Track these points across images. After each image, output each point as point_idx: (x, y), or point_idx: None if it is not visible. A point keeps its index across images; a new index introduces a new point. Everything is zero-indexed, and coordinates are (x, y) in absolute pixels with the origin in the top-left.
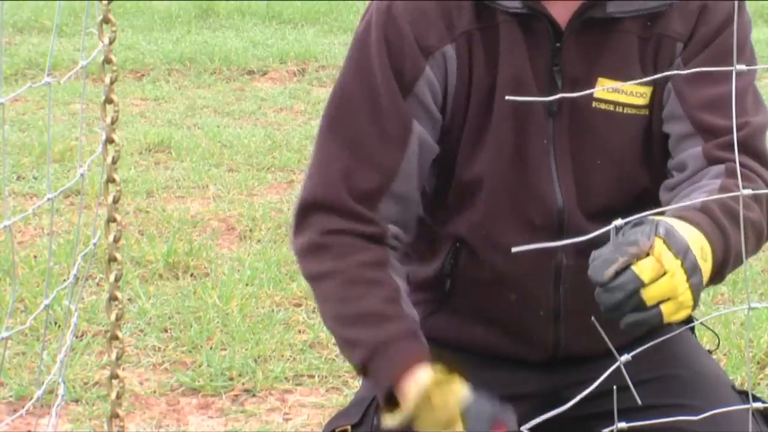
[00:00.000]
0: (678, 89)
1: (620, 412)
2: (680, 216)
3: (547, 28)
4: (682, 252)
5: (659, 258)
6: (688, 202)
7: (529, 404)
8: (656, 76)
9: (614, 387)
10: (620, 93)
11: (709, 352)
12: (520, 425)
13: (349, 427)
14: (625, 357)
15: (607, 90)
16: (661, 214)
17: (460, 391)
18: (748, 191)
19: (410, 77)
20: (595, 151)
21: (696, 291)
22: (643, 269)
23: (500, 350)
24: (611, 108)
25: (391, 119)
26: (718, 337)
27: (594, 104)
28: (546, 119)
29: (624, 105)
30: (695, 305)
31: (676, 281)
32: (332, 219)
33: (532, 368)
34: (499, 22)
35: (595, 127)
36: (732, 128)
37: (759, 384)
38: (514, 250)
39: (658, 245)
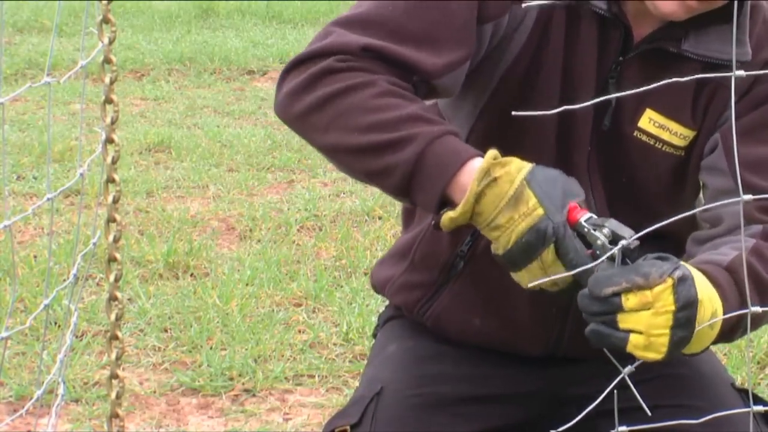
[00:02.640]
0: (726, 144)
1: (621, 412)
2: (705, 271)
3: (620, 38)
4: (684, 303)
5: (656, 293)
6: (715, 254)
7: (528, 402)
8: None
9: (615, 391)
10: (664, 130)
11: None
12: (520, 426)
13: (348, 427)
14: (629, 368)
15: (652, 122)
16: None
17: (522, 165)
18: (756, 308)
19: (493, 12)
20: (623, 174)
21: (675, 343)
22: (630, 298)
23: (494, 342)
24: (652, 142)
25: (459, 40)
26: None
27: (636, 134)
28: (593, 131)
29: (665, 143)
30: (668, 355)
31: (658, 321)
32: (354, 58)
33: (529, 365)
34: (582, 15)
35: (630, 154)
36: None
37: (759, 384)
38: (530, 285)
39: (665, 284)
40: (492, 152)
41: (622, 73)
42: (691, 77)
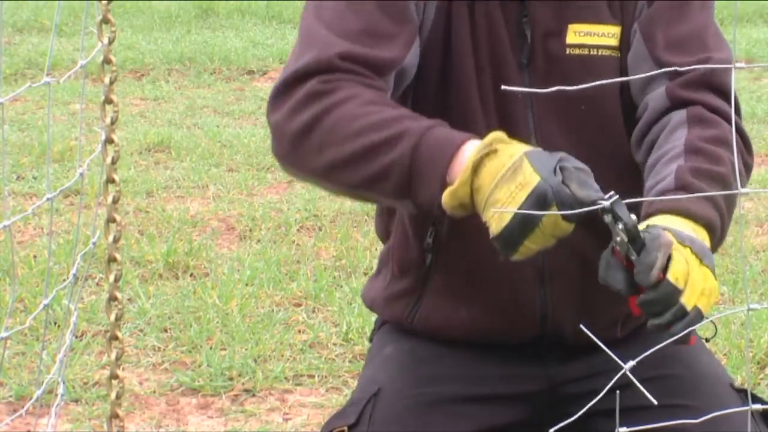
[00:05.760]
0: (642, 30)
1: (621, 411)
2: (668, 211)
3: None
4: (688, 240)
5: (681, 253)
6: (661, 183)
7: (527, 401)
8: None
9: (617, 392)
10: (592, 36)
11: (706, 340)
12: (520, 425)
13: (345, 428)
14: (630, 364)
15: (578, 35)
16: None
17: (525, 145)
18: (746, 190)
19: None
20: (576, 97)
21: (713, 272)
22: (676, 274)
23: (487, 329)
24: (586, 52)
25: (399, 17)
26: (715, 327)
27: (568, 51)
28: (520, 72)
29: (598, 47)
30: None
31: (702, 275)
32: (331, 75)
33: (528, 365)
34: None
35: (572, 73)
36: (694, 64)
37: (759, 384)
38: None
39: (671, 238)
40: (498, 132)
41: (530, 8)
42: None
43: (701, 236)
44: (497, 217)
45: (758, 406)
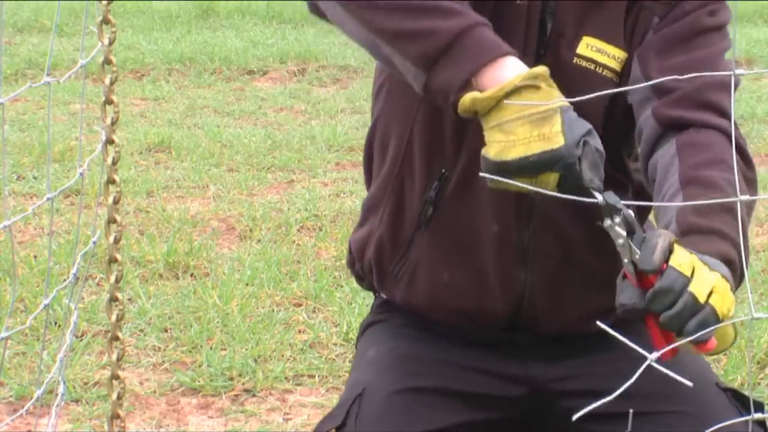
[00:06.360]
0: (642, 57)
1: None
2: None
3: None
4: (693, 252)
5: (684, 250)
6: (673, 221)
7: (512, 405)
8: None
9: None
10: (602, 54)
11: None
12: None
13: (334, 430)
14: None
15: (590, 48)
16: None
17: (561, 95)
18: (745, 197)
19: None
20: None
21: (728, 281)
22: (679, 261)
23: (463, 299)
24: (591, 66)
25: None
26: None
27: (576, 60)
28: (530, 59)
29: (603, 66)
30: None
31: (712, 276)
32: None
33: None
34: None
35: (571, 82)
36: (686, 85)
37: (759, 384)
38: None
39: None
40: (544, 68)
41: (557, 8)
42: None
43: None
44: (503, 146)
45: (759, 415)
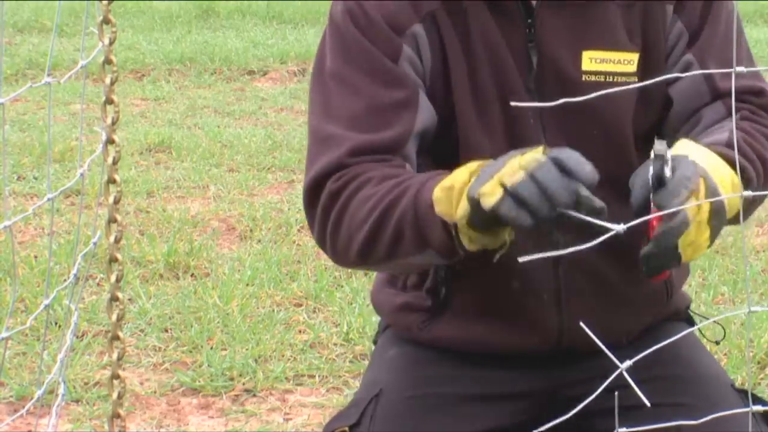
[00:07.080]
0: (701, 61)
1: (620, 410)
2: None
3: (518, 6)
4: (712, 193)
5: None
6: (713, 135)
7: (527, 403)
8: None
9: (615, 392)
10: (608, 63)
11: (717, 343)
12: (522, 426)
13: (347, 428)
14: (627, 363)
15: (594, 61)
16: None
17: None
18: (748, 192)
19: (392, 58)
20: (588, 122)
21: (714, 234)
22: (685, 243)
23: (504, 345)
24: (602, 79)
25: (397, 84)
26: (724, 330)
27: (584, 77)
28: (529, 99)
29: (614, 74)
30: (709, 246)
31: (703, 228)
32: (344, 170)
33: (531, 365)
34: (466, 5)
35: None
36: (746, 89)
37: (759, 384)
38: (521, 259)
39: (701, 186)
40: (477, 161)
41: (537, 34)
42: None
43: (735, 186)
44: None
45: (759, 407)
